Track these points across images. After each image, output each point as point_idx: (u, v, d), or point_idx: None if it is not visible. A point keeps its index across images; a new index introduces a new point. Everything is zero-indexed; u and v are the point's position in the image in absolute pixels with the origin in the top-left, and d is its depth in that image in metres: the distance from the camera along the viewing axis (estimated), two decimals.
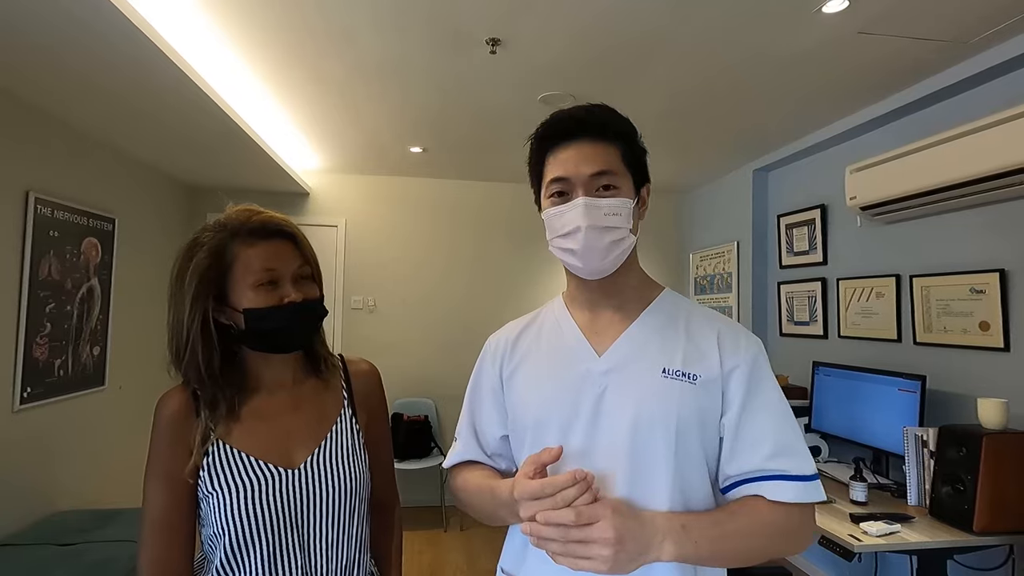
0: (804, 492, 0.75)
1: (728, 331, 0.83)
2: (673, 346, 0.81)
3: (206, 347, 0.85)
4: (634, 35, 1.99)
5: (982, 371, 2.11)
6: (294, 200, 4.03)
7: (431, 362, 4.11)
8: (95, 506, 2.68)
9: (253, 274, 0.85)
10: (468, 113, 2.80)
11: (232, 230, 0.87)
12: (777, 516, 0.75)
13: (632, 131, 0.84)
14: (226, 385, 0.87)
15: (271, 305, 0.85)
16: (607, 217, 0.79)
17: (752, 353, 0.81)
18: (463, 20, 1.91)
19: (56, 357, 2.48)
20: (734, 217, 3.68)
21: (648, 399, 0.78)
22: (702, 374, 0.79)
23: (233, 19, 1.90)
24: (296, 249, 0.90)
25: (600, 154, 0.80)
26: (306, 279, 0.91)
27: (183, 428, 0.85)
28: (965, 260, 2.19)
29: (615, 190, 0.80)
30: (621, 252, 0.82)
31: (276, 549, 0.84)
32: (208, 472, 0.84)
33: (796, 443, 0.78)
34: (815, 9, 1.79)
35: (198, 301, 0.84)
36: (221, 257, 0.85)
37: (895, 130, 2.54)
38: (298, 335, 0.90)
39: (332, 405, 0.95)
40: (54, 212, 2.45)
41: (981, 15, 1.80)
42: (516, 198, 4.25)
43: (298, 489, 0.86)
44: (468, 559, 3.25)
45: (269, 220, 0.89)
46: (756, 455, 0.76)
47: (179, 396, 0.87)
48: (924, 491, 1.97)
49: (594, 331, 0.86)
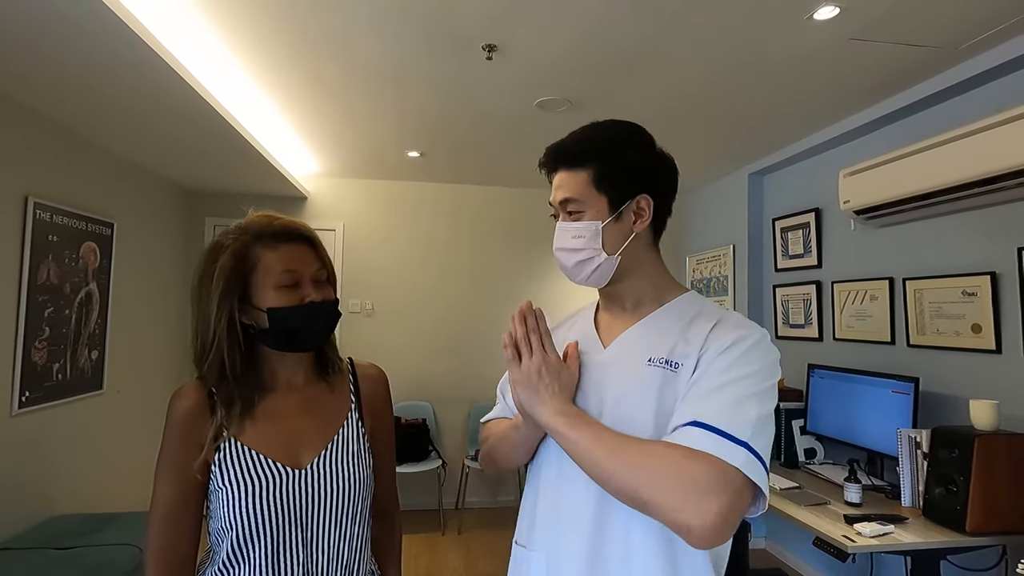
0: (713, 443, 0.67)
1: (725, 322, 0.82)
2: (667, 340, 0.83)
3: (231, 346, 0.88)
4: (629, 41, 2.01)
5: (974, 373, 2.13)
6: (293, 204, 4.04)
7: (429, 365, 4.13)
8: (94, 510, 2.69)
9: (275, 276, 0.89)
10: (465, 118, 2.82)
11: (254, 233, 0.90)
12: (664, 452, 0.69)
13: (611, 147, 0.86)
14: (244, 384, 0.90)
15: (293, 304, 0.89)
16: (573, 240, 0.87)
17: (736, 336, 0.78)
18: (460, 26, 1.93)
19: (55, 361, 2.48)
20: (729, 221, 3.70)
21: (629, 385, 0.82)
22: (684, 362, 0.80)
23: (232, 24, 1.92)
24: (314, 253, 0.94)
25: (566, 182, 0.87)
26: (323, 282, 0.94)
27: (196, 424, 0.88)
28: (957, 263, 2.21)
29: (578, 214, 0.87)
30: (593, 270, 0.87)
31: (280, 546, 0.86)
32: (220, 467, 0.86)
33: (737, 409, 0.71)
34: (807, 16, 1.81)
35: (225, 301, 0.87)
36: (244, 259, 0.89)
37: (887, 135, 2.57)
38: (317, 334, 0.94)
39: (340, 408, 0.98)
40: (53, 217, 2.47)
41: (970, 22, 1.83)
42: (513, 203, 4.27)
43: (304, 489, 0.88)
44: (465, 563, 3.25)
45: (290, 224, 0.93)
46: (681, 410, 0.74)
47: (195, 392, 0.90)
48: (918, 492, 1.98)
49: (609, 328, 0.92)
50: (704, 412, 0.71)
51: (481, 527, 3.77)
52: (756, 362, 0.76)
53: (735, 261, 3.64)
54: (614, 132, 0.88)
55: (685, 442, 0.69)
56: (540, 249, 4.27)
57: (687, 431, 0.71)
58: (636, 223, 0.87)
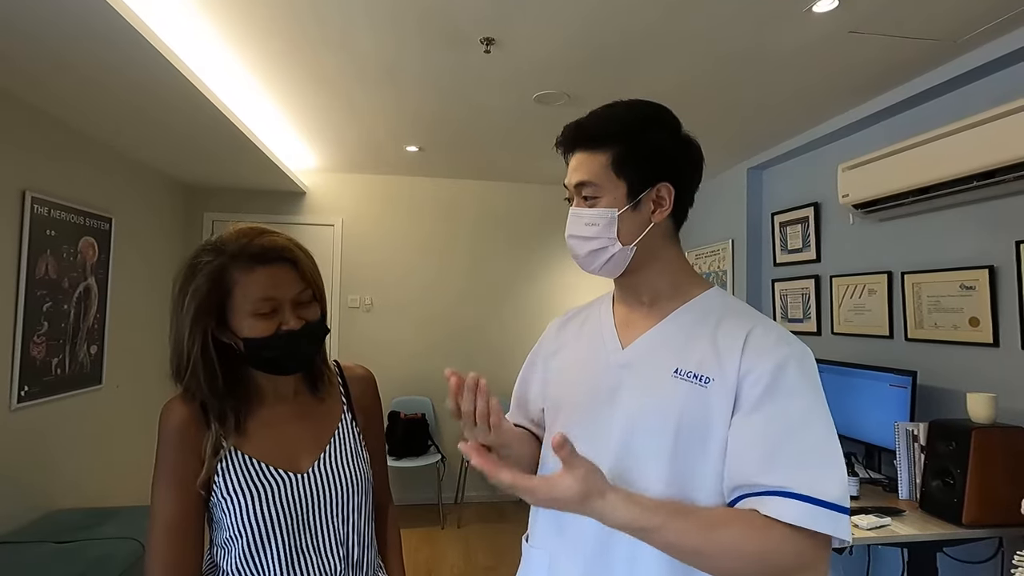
0: (810, 516, 0.64)
1: (759, 333, 0.76)
2: (694, 346, 0.77)
3: (207, 368, 0.86)
4: (628, 35, 2.00)
5: (972, 366, 2.13)
6: (291, 199, 4.04)
7: (428, 360, 4.13)
8: (93, 504, 2.70)
9: (252, 303, 0.84)
10: (464, 112, 2.82)
11: (231, 254, 0.85)
12: (762, 535, 0.65)
13: (635, 128, 0.80)
14: (232, 398, 0.89)
15: (269, 335, 0.85)
16: (587, 227, 0.81)
17: (778, 358, 0.72)
18: (458, 20, 1.93)
19: (53, 356, 2.49)
20: (728, 215, 3.70)
21: (652, 397, 0.76)
22: (716, 377, 0.73)
23: (230, 19, 1.91)
24: (296, 273, 0.88)
25: (584, 164, 0.81)
26: (306, 303, 0.90)
27: (191, 437, 0.86)
28: (955, 257, 2.21)
29: (595, 200, 0.80)
30: (606, 261, 0.81)
31: (292, 550, 0.87)
32: (223, 478, 0.86)
33: (814, 459, 0.68)
34: (806, 8, 1.81)
35: (197, 325, 0.85)
36: (220, 282, 0.84)
37: (886, 128, 2.56)
38: (298, 361, 0.91)
39: (333, 412, 0.99)
40: (51, 211, 2.46)
41: (969, 15, 1.82)
42: (512, 197, 4.27)
43: (306, 492, 0.89)
44: (465, 556, 3.26)
45: (270, 245, 0.87)
46: (750, 465, 0.69)
47: (184, 406, 0.88)
48: (915, 485, 1.99)
49: (627, 324, 0.86)
50: (790, 476, 0.66)
51: (480, 521, 3.78)
52: (803, 382, 0.72)
53: (734, 256, 3.64)
54: (639, 111, 0.82)
55: (777, 514, 0.65)
56: (539, 243, 4.27)
57: (778, 504, 0.65)
58: (655, 213, 0.81)
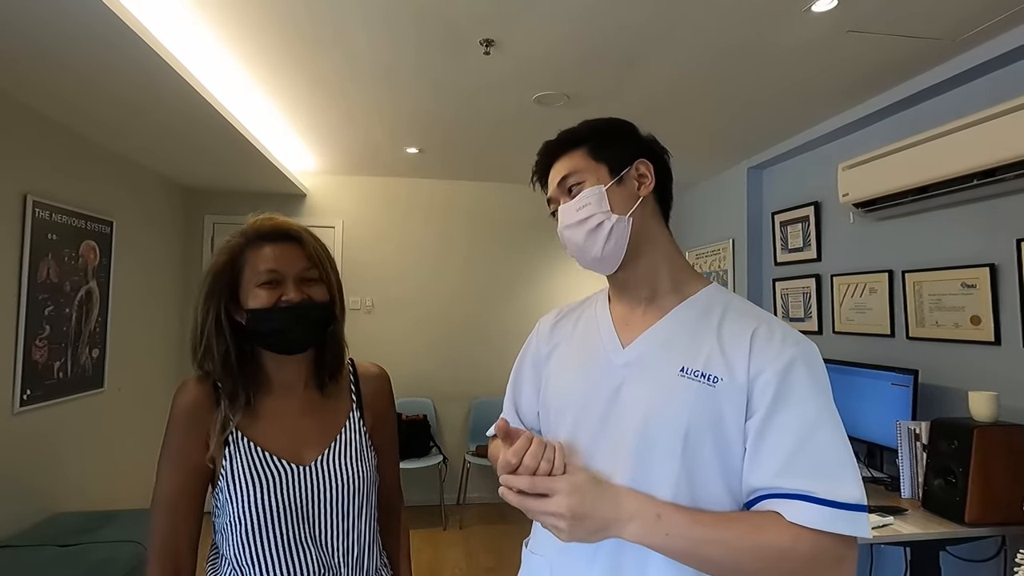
0: (829, 519, 0.65)
1: (765, 331, 0.75)
2: (699, 344, 0.76)
3: (219, 342, 0.90)
4: (627, 36, 2.00)
5: (973, 364, 2.13)
6: (291, 201, 4.04)
7: (429, 361, 4.13)
8: (95, 507, 2.70)
9: (257, 275, 0.90)
10: (463, 114, 2.82)
11: (247, 235, 0.93)
12: (784, 539, 0.66)
13: (601, 126, 0.86)
14: (243, 377, 0.92)
15: (270, 306, 0.88)
16: (579, 211, 0.82)
17: (788, 357, 0.72)
18: (457, 21, 1.93)
19: (55, 359, 2.49)
20: (729, 215, 3.70)
21: (659, 397, 0.75)
22: (724, 377, 0.73)
23: (229, 21, 1.92)
24: (302, 251, 0.92)
25: (563, 164, 0.85)
26: (312, 281, 0.92)
27: (200, 416, 0.90)
28: (956, 255, 2.21)
29: (580, 184, 0.83)
30: (607, 236, 0.80)
31: (290, 542, 0.88)
32: (229, 463, 0.88)
33: (830, 462, 0.69)
34: (804, 8, 1.81)
35: (211, 299, 0.90)
36: (235, 260, 0.91)
37: (886, 127, 2.56)
38: (298, 337, 0.91)
39: (341, 409, 1.00)
40: (52, 215, 2.47)
41: (968, 13, 1.82)
42: (512, 198, 4.27)
43: (307, 486, 0.90)
44: (467, 557, 3.27)
45: (280, 224, 0.94)
46: (770, 469, 0.69)
47: (198, 386, 0.92)
48: (917, 484, 1.98)
49: (626, 323, 0.84)
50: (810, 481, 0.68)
51: (482, 522, 3.78)
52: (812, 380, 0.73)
53: (734, 255, 3.64)
54: (598, 120, 0.88)
55: (796, 518, 0.66)
56: (539, 244, 4.27)
57: (799, 508, 0.67)
58: (640, 188, 0.83)
